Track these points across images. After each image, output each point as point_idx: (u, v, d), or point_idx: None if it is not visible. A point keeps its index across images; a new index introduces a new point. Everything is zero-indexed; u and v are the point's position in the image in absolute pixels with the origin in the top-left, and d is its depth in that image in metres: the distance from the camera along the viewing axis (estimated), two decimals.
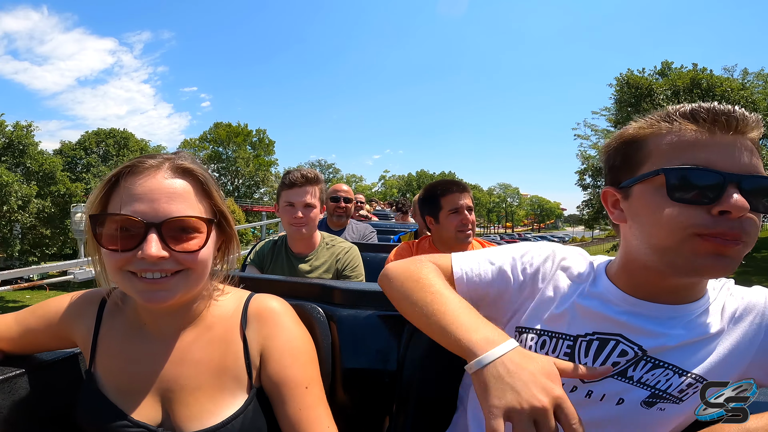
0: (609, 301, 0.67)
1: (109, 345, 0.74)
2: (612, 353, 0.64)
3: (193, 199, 0.67)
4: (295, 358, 0.74)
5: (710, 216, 0.54)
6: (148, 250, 0.61)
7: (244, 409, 0.70)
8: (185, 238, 0.65)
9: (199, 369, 0.71)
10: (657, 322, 0.64)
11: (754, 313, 0.64)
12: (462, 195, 1.63)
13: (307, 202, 1.61)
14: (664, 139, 0.59)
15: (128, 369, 0.71)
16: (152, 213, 0.63)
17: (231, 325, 0.75)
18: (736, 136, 0.56)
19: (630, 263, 0.66)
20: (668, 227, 0.56)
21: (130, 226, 0.63)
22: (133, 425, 0.68)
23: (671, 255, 0.57)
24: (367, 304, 0.94)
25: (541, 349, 0.68)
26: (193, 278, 0.67)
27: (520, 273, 0.74)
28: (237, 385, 0.72)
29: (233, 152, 43.83)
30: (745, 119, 0.56)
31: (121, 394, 0.70)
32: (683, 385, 0.63)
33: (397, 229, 3.73)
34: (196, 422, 0.68)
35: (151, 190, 0.63)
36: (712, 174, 0.54)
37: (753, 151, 0.56)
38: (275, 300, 0.79)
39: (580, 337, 0.66)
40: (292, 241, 1.72)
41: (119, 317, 0.76)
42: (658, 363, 0.63)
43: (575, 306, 0.68)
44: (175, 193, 0.65)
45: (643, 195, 0.60)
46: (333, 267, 1.69)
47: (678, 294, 0.65)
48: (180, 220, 0.64)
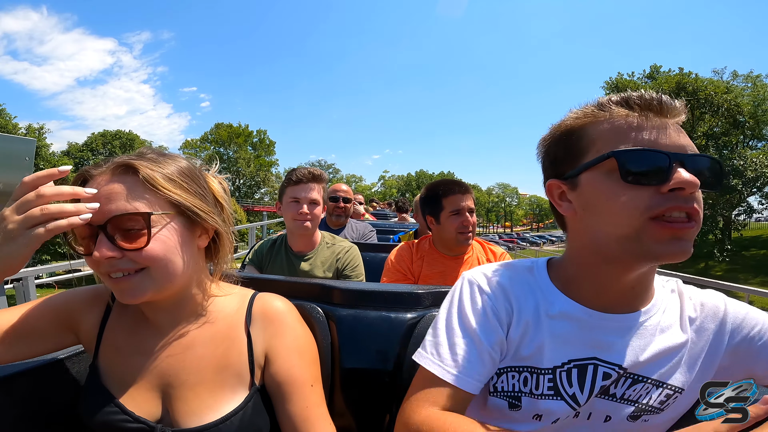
0: (574, 321, 0.64)
1: (115, 337, 0.75)
2: (596, 378, 0.63)
3: (138, 195, 0.66)
4: (301, 358, 0.75)
5: (662, 195, 0.54)
6: (99, 251, 0.63)
7: (243, 406, 0.70)
8: (132, 235, 0.65)
9: (201, 364, 0.72)
10: (624, 334, 0.63)
11: (717, 320, 0.65)
12: (464, 196, 1.61)
13: (313, 198, 1.62)
14: (603, 126, 0.60)
15: (131, 361, 0.72)
16: (97, 215, 0.63)
17: (235, 322, 0.75)
18: (667, 119, 0.58)
19: (583, 261, 0.65)
20: (626, 212, 0.56)
21: (86, 230, 0.65)
22: (134, 420, 0.68)
23: (631, 243, 0.56)
24: (366, 304, 0.93)
25: (525, 386, 0.65)
26: (158, 275, 0.67)
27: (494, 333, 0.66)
28: (238, 382, 0.72)
29: (234, 153, 43.91)
30: (672, 104, 0.58)
31: (123, 388, 0.71)
32: (662, 396, 0.63)
33: (396, 229, 3.72)
34: (195, 418, 0.68)
35: (98, 195, 0.64)
36: (661, 154, 0.55)
37: (683, 132, 0.58)
38: (280, 300, 0.80)
39: (557, 368, 0.64)
40: (292, 238, 1.70)
41: (127, 310, 0.77)
42: (638, 378, 0.63)
43: (545, 337, 0.65)
44: (115, 192, 0.65)
45: (594, 182, 0.59)
46: (333, 266, 1.68)
47: (634, 296, 0.64)
48: (118, 218, 0.64)
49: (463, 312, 0.67)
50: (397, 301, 0.93)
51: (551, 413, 0.64)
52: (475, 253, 1.71)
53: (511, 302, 0.67)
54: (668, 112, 0.58)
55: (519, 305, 0.66)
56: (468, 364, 0.63)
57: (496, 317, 0.66)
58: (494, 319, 0.65)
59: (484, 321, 0.65)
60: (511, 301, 0.67)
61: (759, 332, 0.63)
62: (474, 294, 0.68)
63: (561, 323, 0.65)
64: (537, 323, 0.65)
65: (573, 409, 0.63)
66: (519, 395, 0.65)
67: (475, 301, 0.67)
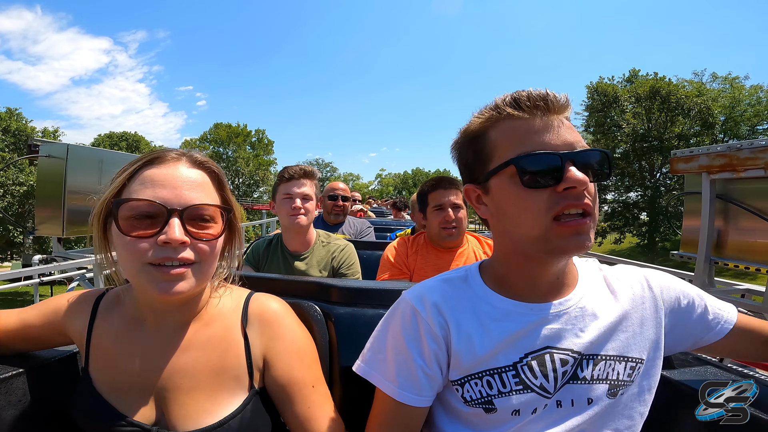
0: (515, 317, 0.67)
1: (103, 342, 0.72)
2: (555, 365, 0.64)
3: (211, 190, 0.69)
4: (301, 359, 0.74)
5: (558, 195, 0.57)
6: (172, 234, 0.61)
7: (242, 409, 0.68)
8: (204, 226, 0.66)
9: (197, 368, 0.70)
10: (565, 320, 0.66)
11: (644, 287, 0.70)
12: (447, 192, 1.61)
13: (305, 193, 1.62)
14: (501, 129, 0.63)
15: (123, 365, 0.70)
16: (175, 199, 0.63)
17: (231, 323, 0.74)
18: (554, 116, 0.60)
19: (510, 261, 0.68)
20: (531, 215, 0.59)
21: (153, 211, 0.63)
22: (128, 424, 0.66)
23: (541, 242, 0.60)
24: (364, 302, 0.92)
25: (491, 389, 0.66)
26: (205, 270, 0.67)
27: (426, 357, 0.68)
28: (236, 385, 0.70)
29: (233, 152, 43.82)
30: (557, 100, 0.60)
31: (116, 392, 0.69)
32: (628, 369, 0.66)
33: (393, 226, 3.71)
34: (193, 421, 0.66)
35: (174, 178, 0.65)
36: (553, 156, 0.57)
37: (572, 128, 0.60)
38: (276, 301, 0.78)
39: (517, 363, 0.65)
40: (288, 237, 1.69)
41: (116, 313, 0.74)
42: (597, 357, 0.65)
43: (493, 339, 0.66)
44: (195, 182, 0.66)
45: (501, 187, 0.63)
46: (329, 265, 1.67)
47: (561, 284, 0.67)
48: (201, 208, 0.65)
49: (398, 336, 0.70)
50: (394, 298, 0.91)
51: (526, 405, 0.65)
52: (471, 247, 1.71)
53: (445, 318, 0.68)
54: (555, 108, 0.60)
55: (456, 318, 0.68)
56: (405, 381, 0.68)
57: (431, 336, 0.68)
58: (429, 340, 0.68)
59: (417, 343, 0.68)
60: (446, 316, 0.68)
61: (682, 291, 0.70)
62: (408, 317, 0.70)
63: (506, 324, 0.66)
64: (482, 330, 0.67)
65: (544, 398, 0.64)
66: (489, 398, 0.66)
67: (408, 325, 0.69)
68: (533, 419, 0.65)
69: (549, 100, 0.60)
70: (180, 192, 0.64)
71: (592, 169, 0.59)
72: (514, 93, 0.63)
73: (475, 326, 0.67)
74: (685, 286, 0.72)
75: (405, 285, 0.97)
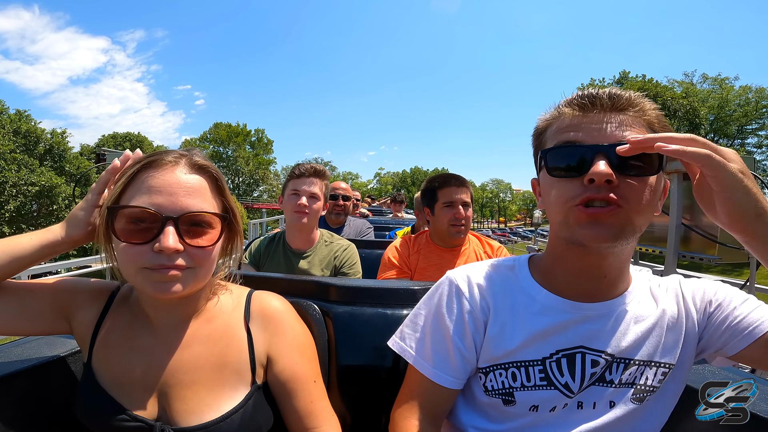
0: (555, 313, 0.66)
1: (110, 336, 0.72)
2: (585, 366, 0.64)
3: (208, 196, 0.67)
4: (303, 355, 0.75)
5: (584, 186, 0.57)
6: (166, 242, 0.59)
7: (244, 404, 0.68)
8: (199, 233, 0.64)
9: (199, 363, 0.69)
10: (606, 322, 0.65)
11: (681, 297, 0.68)
12: (459, 189, 1.60)
13: (313, 192, 1.59)
14: (553, 127, 0.64)
15: (127, 361, 0.69)
16: (170, 206, 0.62)
17: (233, 320, 0.74)
18: (609, 113, 0.60)
19: (555, 251, 0.68)
20: (555, 203, 0.61)
21: (147, 218, 0.61)
22: (131, 419, 0.66)
23: (563, 228, 0.61)
24: (363, 301, 0.91)
25: (515, 381, 0.66)
26: (201, 274, 0.66)
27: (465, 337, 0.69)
28: (238, 379, 0.70)
29: (233, 152, 43.69)
30: (613, 98, 0.60)
31: (119, 387, 0.68)
32: (658, 375, 0.65)
33: (392, 225, 3.70)
34: (195, 416, 0.66)
35: (169, 184, 0.63)
36: (579, 148, 0.58)
37: (626, 124, 0.59)
38: (277, 299, 0.78)
39: (546, 359, 0.65)
40: (291, 234, 1.67)
41: (125, 309, 0.74)
42: (629, 362, 0.64)
43: (527, 331, 0.66)
44: (192, 188, 0.64)
45: (542, 179, 0.66)
46: (331, 264, 1.65)
47: (609, 284, 0.66)
48: (196, 215, 0.63)
49: (440, 312, 0.70)
50: (393, 297, 0.92)
51: (546, 403, 0.64)
52: (472, 246, 1.70)
53: (488, 301, 0.69)
54: (605, 106, 0.60)
55: (496, 304, 0.68)
56: (441, 361, 0.69)
57: (472, 317, 0.68)
58: (469, 320, 0.68)
59: (459, 322, 0.69)
60: (488, 300, 0.69)
61: (725, 299, 0.66)
62: (452, 295, 0.70)
63: (544, 318, 0.66)
64: (517, 320, 0.67)
65: (567, 397, 0.64)
66: (510, 391, 0.66)
67: (451, 303, 0.70)
68: (551, 417, 0.65)
69: (597, 98, 0.60)
70: (176, 198, 0.62)
71: (628, 164, 0.56)
72: (576, 92, 0.64)
73: (511, 316, 0.67)
74: (723, 292, 0.67)
75: (404, 284, 0.96)
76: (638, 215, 0.57)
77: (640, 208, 0.57)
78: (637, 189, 0.57)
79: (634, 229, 0.57)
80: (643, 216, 0.58)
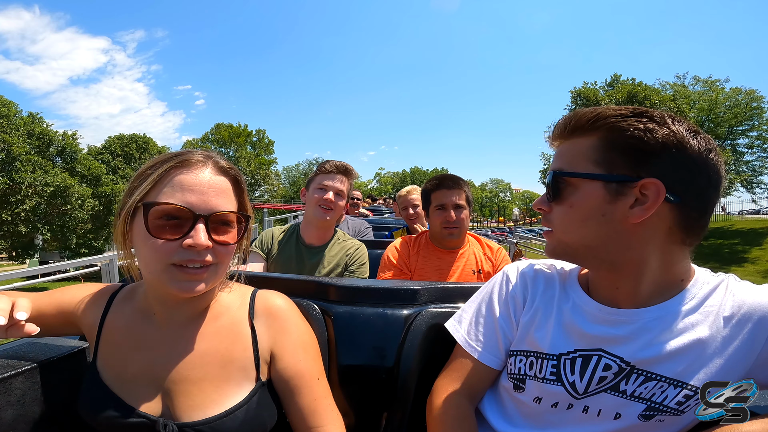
0: (584, 314, 0.66)
1: (113, 334, 0.73)
2: (597, 368, 0.63)
3: (232, 196, 0.70)
4: (307, 352, 0.75)
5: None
6: (198, 239, 0.62)
7: (248, 400, 0.69)
8: (224, 231, 0.67)
9: (205, 359, 0.70)
10: (632, 329, 0.61)
11: (756, 317, 0.58)
12: (450, 192, 1.58)
13: (339, 189, 1.61)
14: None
15: (131, 358, 0.70)
16: (202, 205, 0.64)
17: (239, 317, 0.74)
18: (556, 144, 0.66)
19: None
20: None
21: (180, 215, 0.63)
22: (134, 415, 0.66)
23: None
24: (362, 301, 0.90)
25: (530, 370, 0.68)
26: (220, 272, 0.68)
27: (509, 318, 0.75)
28: (243, 376, 0.70)
29: (235, 152, 43.59)
30: (553, 131, 0.66)
31: (123, 384, 0.69)
32: (680, 397, 0.58)
33: (391, 225, 3.69)
34: (199, 412, 0.66)
35: (201, 183, 0.65)
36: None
37: (559, 154, 0.65)
38: (281, 297, 0.79)
39: (563, 356, 0.65)
40: (308, 229, 1.65)
41: (128, 307, 0.75)
42: (651, 375, 0.60)
43: (553, 325, 0.68)
44: (220, 188, 0.67)
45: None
46: (342, 261, 1.64)
47: (645, 294, 0.62)
48: (225, 215, 0.66)
49: (491, 299, 0.77)
50: (393, 297, 0.91)
51: (549, 397, 0.65)
52: (471, 248, 1.68)
53: (528, 288, 0.74)
54: (552, 139, 0.66)
55: (534, 291, 0.73)
56: (486, 340, 0.74)
57: (513, 302, 0.74)
58: (512, 305, 0.74)
59: (504, 308, 0.75)
60: (528, 287, 0.74)
61: None
62: (503, 283, 0.77)
63: (571, 315, 0.66)
64: (548, 311, 0.69)
65: (572, 397, 0.63)
66: (524, 378, 0.68)
67: (501, 290, 0.77)
68: (552, 413, 0.65)
69: (552, 130, 0.67)
70: (207, 198, 0.64)
71: (548, 193, 0.65)
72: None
73: (543, 306, 0.70)
74: None
75: (404, 284, 0.95)
76: (565, 235, 0.62)
77: (567, 229, 0.62)
78: (552, 216, 0.64)
79: (566, 247, 0.63)
80: (572, 235, 0.62)
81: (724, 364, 0.57)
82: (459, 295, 0.91)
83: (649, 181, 0.55)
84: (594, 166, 0.59)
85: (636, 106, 0.60)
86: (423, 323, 0.85)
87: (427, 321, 0.86)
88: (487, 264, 1.64)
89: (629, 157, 0.57)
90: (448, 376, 0.76)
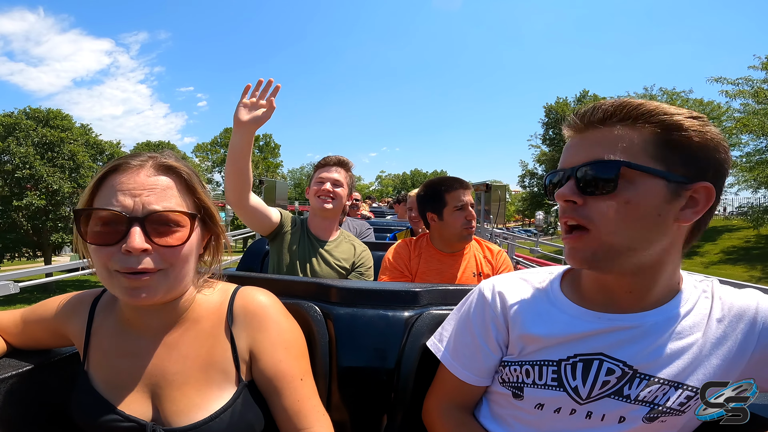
0: (577, 322, 0.64)
1: (100, 341, 0.72)
2: (599, 372, 0.61)
3: (177, 195, 0.65)
4: (288, 352, 0.71)
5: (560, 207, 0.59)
6: (132, 243, 0.59)
7: (232, 403, 0.67)
8: (168, 232, 0.63)
9: (186, 364, 0.68)
10: (632, 334, 0.61)
11: (746, 319, 0.59)
12: (466, 192, 1.59)
13: (336, 178, 1.63)
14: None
15: (117, 364, 0.69)
16: (135, 207, 0.61)
17: (217, 319, 0.72)
18: (579, 134, 0.59)
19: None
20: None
21: (114, 220, 0.61)
22: (124, 419, 0.65)
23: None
24: (364, 302, 0.89)
25: (527, 378, 0.66)
26: (173, 276, 0.64)
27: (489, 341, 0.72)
28: (224, 378, 0.68)
29: None
30: (576, 120, 0.59)
31: (112, 390, 0.68)
32: (682, 398, 0.58)
33: (393, 227, 3.67)
34: (185, 417, 0.65)
35: (134, 186, 0.62)
36: (553, 173, 0.61)
37: (589, 143, 0.57)
38: (261, 293, 0.75)
39: (563, 361, 0.63)
40: (314, 221, 1.65)
41: (111, 314, 0.74)
42: (653, 379, 0.59)
43: (546, 338, 0.65)
44: (158, 188, 0.63)
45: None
46: (351, 260, 1.64)
47: (637, 297, 0.61)
48: (163, 215, 0.62)
49: (469, 320, 0.75)
50: (394, 299, 0.90)
51: (551, 403, 0.63)
52: (472, 251, 1.66)
53: (508, 307, 0.70)
54: (575, 128, 0.59)
55: (519, 309, 0.69)
56: (467, 361, 0.73)
57: (494, 324, 0.71)
58: (492, 328, 0.71)
59: (483, 330, 0.72)
60: (509, 306, 0.70)
61: None
62: (479, 304, 0.74)
63: (565, 327, 0.65)
64: (539, 327, 0.66)
65: (575, 402, 0.62)
66: (521, 386, 0.66)
67: (478, 311, 0.74)
68: (554, 419, 0.64)
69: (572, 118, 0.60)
70: (140, 199, 0.61)
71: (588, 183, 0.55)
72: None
73: (533, 324, 0.67)
74: None
75: (405, 286, 0.95)
76: (612, 235, 0.54)
77: (604, 230, 0.54)
78: (600, 210, 0.54)
79: (609, 250, 0.54)
80: (620, 235, 0.54)
81: (720, 364, 0.58)
82: (460, 298, 0.88)
83: (704, 186, 0.53)
84: (653, 161, 0.53)
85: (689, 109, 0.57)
86: (424, 325, 0.84)
87: (428, 323, 0.85)
88: (487, 266, 1.62)
89: (687, 157, 0.53)
90: (438, 392, 0.77)
